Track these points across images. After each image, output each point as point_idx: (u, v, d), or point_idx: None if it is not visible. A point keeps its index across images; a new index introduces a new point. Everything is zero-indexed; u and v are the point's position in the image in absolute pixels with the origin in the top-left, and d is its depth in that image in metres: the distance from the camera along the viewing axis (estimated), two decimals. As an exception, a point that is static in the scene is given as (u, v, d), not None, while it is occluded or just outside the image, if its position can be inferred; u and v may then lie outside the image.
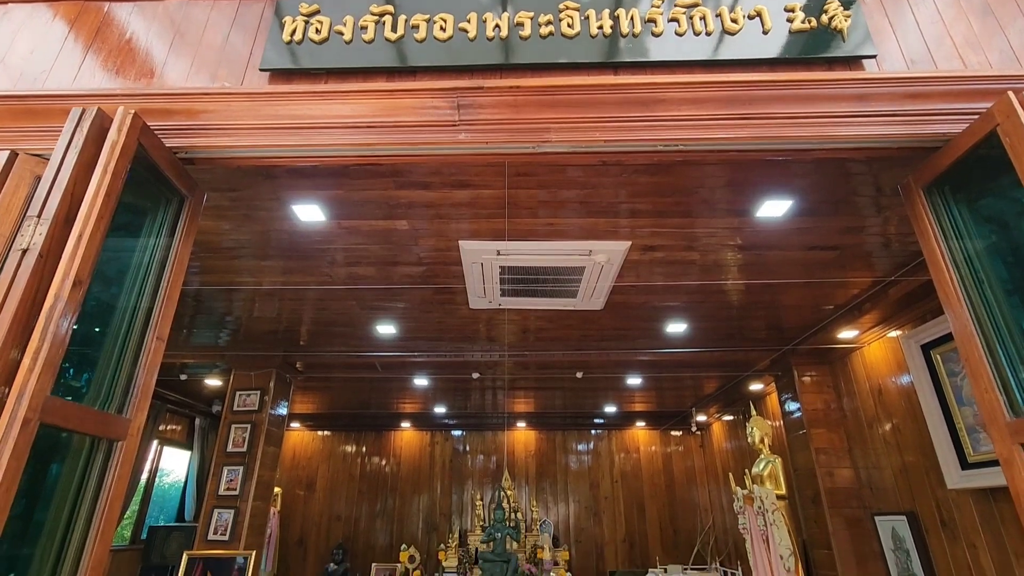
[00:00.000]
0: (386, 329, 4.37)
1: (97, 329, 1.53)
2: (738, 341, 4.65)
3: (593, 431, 8.38)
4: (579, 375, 5.29)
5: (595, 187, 2.54)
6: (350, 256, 3.19)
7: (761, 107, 1.72)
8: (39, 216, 1.40)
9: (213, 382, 6.05)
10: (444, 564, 6.51)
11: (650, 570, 6.96)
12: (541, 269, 3.28)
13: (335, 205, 2.69)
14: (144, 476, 6.63)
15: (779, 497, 4.43)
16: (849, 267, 3.27)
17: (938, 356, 3.41)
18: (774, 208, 2.65)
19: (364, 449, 8.36)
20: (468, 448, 8.31)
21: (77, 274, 1.30)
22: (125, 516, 5.85)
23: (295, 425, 8.30)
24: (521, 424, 8.24)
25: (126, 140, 1.48)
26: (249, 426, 4.75)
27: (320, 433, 8.47)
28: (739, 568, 6.70)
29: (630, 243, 3.00)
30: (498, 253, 3.08)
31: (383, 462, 8.27)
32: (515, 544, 5.94)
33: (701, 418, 7.58)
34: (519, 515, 6.53)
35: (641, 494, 8.00)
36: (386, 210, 2.73)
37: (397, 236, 2.97)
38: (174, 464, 7.42)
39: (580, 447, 8.30)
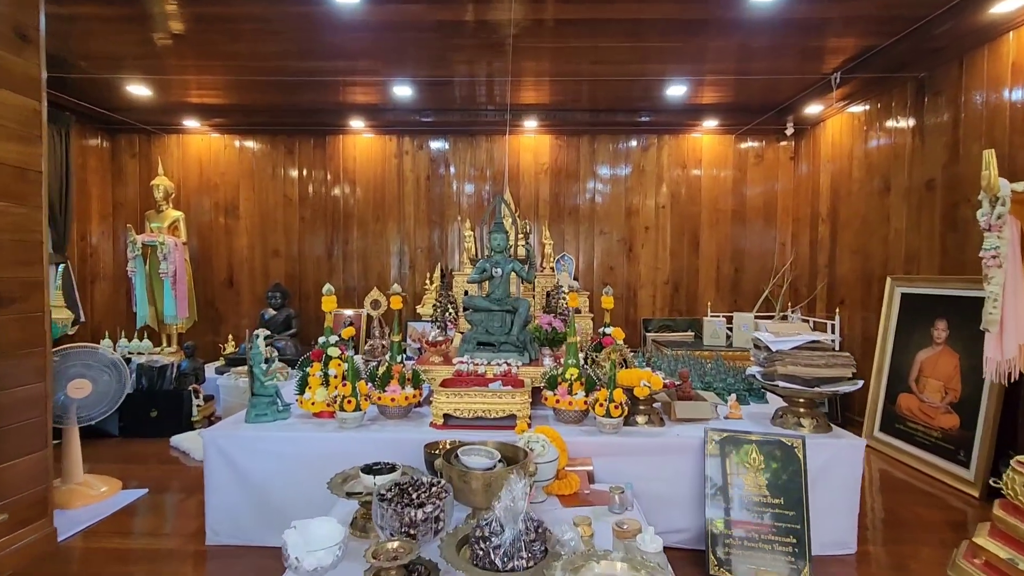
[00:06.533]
0: None
1: None
2: None
3: (635, 139, 5.76)
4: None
5: None
6: None
7: None
8: None
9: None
10: (419, 310, 4.54)
11: (707, 317, 5.11)
12: None
13: None
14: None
15: None
16: None
17: None
18: None
19: (301, 164, 5.83)
20: (454, 168, 5.79)
21: None
22: None
23: (192, 124, 5.60)
24: (530, 123, 5.55)
25: None
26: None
27: (236, 143, 5.83)
28: (836, 317, 4.80)
29: None
30: None
31: (329, 178, 5.83)
32: (523, 285, 3.82)
33: (813, 108, 4.89)
34: (531, 242, 4.33)
35: (696, 224, 5.78)
36: None
37: None
38: None
39: (614, 162, 5.79)
